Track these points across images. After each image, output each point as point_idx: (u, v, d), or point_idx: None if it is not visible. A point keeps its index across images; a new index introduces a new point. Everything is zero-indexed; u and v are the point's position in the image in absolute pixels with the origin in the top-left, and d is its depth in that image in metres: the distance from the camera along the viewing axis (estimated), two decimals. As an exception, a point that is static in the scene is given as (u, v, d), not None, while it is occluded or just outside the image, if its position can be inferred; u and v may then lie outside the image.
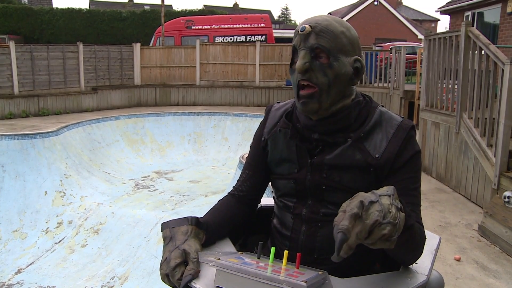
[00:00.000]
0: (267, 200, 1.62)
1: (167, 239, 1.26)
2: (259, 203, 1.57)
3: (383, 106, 1.37)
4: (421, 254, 1.24)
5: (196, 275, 1.15)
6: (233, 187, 1.53)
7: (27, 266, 6.72)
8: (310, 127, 1.33)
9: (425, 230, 1.49)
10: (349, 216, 0.95)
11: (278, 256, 1.19)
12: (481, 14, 12.95)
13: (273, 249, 1.16)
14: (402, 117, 1.34)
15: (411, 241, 1.15)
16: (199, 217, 1.35)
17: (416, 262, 1.24)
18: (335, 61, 1.26)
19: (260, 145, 1.47)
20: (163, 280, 1.20)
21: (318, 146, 1.33)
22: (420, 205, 1.32)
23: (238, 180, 1.53)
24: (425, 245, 1.25)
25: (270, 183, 1.51)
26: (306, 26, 1.26)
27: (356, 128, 1.31)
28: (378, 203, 0.98)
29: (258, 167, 1.48)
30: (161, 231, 1.30)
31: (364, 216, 0.96)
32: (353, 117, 1.31)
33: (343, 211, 0.98)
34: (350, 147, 1.29)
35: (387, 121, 1.31)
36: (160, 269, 1.21)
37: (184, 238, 1.25)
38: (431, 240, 1.40)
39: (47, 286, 6.22)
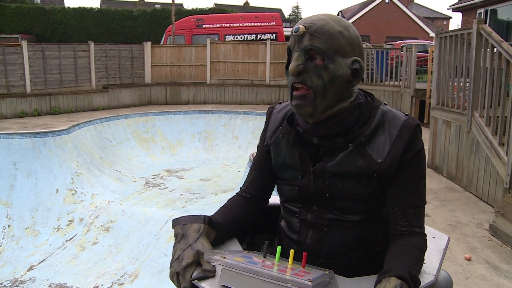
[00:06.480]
0: (274, 198, 1.61)
1: (179, 237, 1.24)
2: (267, 203, 1.55)
3: (385, 104, 1.32)
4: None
5: (211, 275, 1.14)
6: (240, 188, 1.52)
7: (39, 263, 6.79)
8: (309, 130, 1.30)
9: (434, 230, 1.48)
10: None
11: (285, 256, 1.18)
12: (494, 11, 12.80)
13: (279, 248, 1.15)
14: (407, 115, 1.28)
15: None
16: (211, 216, 1.34)
17: (424, 262, 1.23)
18: (331, 62, 1.20)
19: (264, 149, 1.46)
20: (171, 278, 1.18)
21: (319, 151, 1.29)
22: (425, 203, 1.29)
23: (245, 181, 1.51)
24: (433, 245, 1.23)
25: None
26: (300, 26, 1.21)
27: (357, 131, 1.26)
28: None
29: (264, 169, 1.46)
30: (172, 228, 1.28)
31: None
32: (352, 120, 1.26)
33: None
34: (351, 153, 1.24)
35: (390, 121, 1.26)
36: (171, 267, 1.18)
37: (196, 236, 1.22)
38: (440, 240, 1.39)
39: (59, 283, 6.29)
